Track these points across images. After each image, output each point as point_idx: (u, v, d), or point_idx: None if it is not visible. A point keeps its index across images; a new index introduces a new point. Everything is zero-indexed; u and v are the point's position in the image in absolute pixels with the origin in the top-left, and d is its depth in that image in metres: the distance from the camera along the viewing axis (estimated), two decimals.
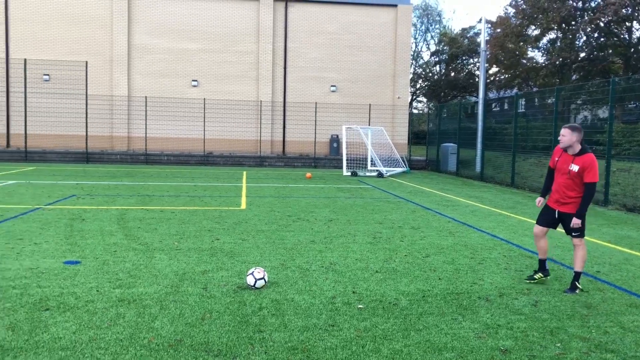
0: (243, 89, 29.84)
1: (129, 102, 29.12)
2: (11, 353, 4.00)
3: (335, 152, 29.47)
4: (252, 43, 29.76)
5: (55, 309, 5.01)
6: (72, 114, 28.22)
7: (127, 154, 27.94)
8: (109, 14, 28.78)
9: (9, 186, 15.20)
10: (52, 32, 28.53)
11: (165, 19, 29.16)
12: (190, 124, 29.20)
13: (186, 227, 9.51)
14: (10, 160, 26.36)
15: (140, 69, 29.25)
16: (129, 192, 14.64)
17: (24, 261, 6.74)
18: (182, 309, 5.14)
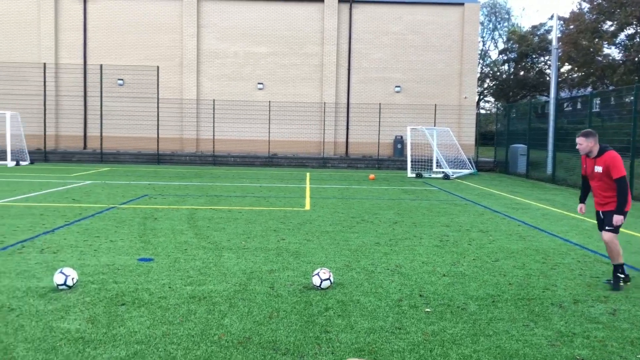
0: (307, 91, 30.09)
1: (197, 105, 30.00)
2: (91, 345, 4.20)
3: (400, 154, 29.19)
4: (317, 45, 29.96)
5: (131, 304, 5.22)
6: (145, 117, 29.37)
7: (195, 155, 28.80)
8: (179, 20, 29.77)
9: (86, 186, 15.99)
10: (126, 39, 29.81)
11: (232, 24, 29.86)
12: (255, 126, 29.73)
13: (253, 227, 9.69)
14: (87, 161, 27.75)
15: (209, 73, 30.07)
16: (198, 192, 15.07)
17: (101, 258, 7.07)
18: (250, 307, 5.23)
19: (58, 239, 8.17)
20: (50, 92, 29.32)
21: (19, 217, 10.01)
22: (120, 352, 4.07)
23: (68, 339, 4.29)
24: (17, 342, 4.19)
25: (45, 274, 6.18)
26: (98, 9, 29.72)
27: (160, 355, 4.06)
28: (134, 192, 14.72)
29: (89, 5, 29.62)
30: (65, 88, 30.00)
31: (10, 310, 4.91)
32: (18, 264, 6.60)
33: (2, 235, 8.32)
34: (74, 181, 17.33)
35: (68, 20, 29.70)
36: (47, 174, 19.86)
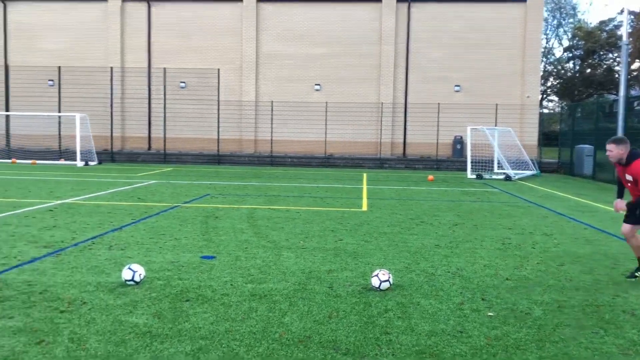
0: (364, 92, 30.02)
1: (256, 107, 30.48)
2: (158, 339, 4.34)
3: (459, 154, 28.67)
4: (374, 45, 29.84)
5: (195, 300, 5.36)
6: (205, 118, 30.11)
7: (254, 156, 29.28)
8: (239, 23, 30.34)
9: (151, 185, 16.55)
10: (188, 43, 30.66)
11: (290, 26, 30.17)
12: (312, 127, 29.91)
13: (310, 226, 9.75)
14: (151, 162, 28.72)
15: (267, 75, 30.50)
16: (256, 192, 15.31)
17: (166, 255, 7.30)
18: (309, 306, 5.27)
19: (125, 236, 8.49)
20: (116, 95, 30.52)
21: (88, 215, 10.48)
22: (185, 347, 4.19)
23: (136, 333, 4.45)
24: (90, 334, 4.39)
25: (114, 269, 6.44)
26: (161, 14, 30.70)
27: (223, 351, 4.15)
28: (196, 191, 15.11)
29: (152, 10, 30.65)
30: (130, 91, 31.15)
31: (82, 304, 5.15)
32: (88, 260, 6.90)
33: (74, 232, 8.73)
34: (140, 181, 17.97)
35: (133, 26, 30.84)
36: (114, 174, 20.69)
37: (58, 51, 31.11)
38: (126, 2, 30.71)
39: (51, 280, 5.91)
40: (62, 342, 4.21)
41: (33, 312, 4.89)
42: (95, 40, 31.05)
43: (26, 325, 4.55)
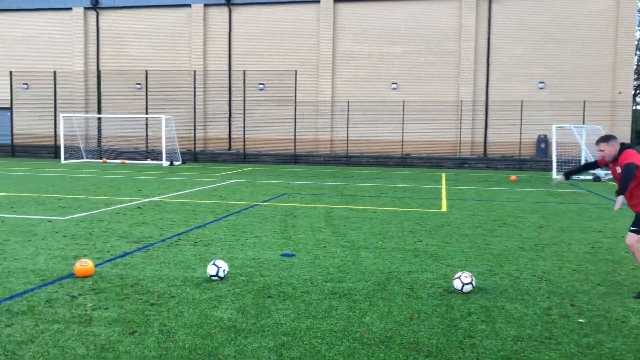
0: (442, 90, 29.45)
1: (332, 107, 30.65)
2: (242, 333, 4.45)
3: (543, 154, 27.52)
4: (453, 42, 29.21)
5: (276, 296, 5.45)
6: (283, 119, 30.62)
7: (330, 155, 29.46)
8: (316, 24, 30.62)
9: (232, 184, 17.03)
10: (266, 45, 31.31)
11: (367, 26, 30.10)
12: (389, 127, 29.68)
13: (388, 227, 9.68)
14: (231, 162, 29.56)
15: (344, 75, 30.59)
16: (333, 191, 15.39)
17: (247, 252, 7.48)
18: (390, 307, 5.22)
19: (209, 233, 8.78)
20: (199, 97, 31.66)
21: (174, 212, 10.92)
22: (268, 342, 4.27)
23: (221, 327, 4.59)
24: (178, 327, 4.57)
25: (199, 265, 6.68)
26: (241, 17, 31.53)
27: (305, 347, 4.19)
28: (274, 190, 15.40)
29: (233, 14, 31.52)
30: (212, 93, 32.22)
31: (170, 297, 5.37)
32: (175, 255, 7.19)
33: (161, 229, 9.13)
34: (221, 180, 18.54)
35: (215, 30, 31.87)
36: (196, 173, 21.47)
37: (145, 56, 32.69)
38: (208, 7, 31.78)
39: (141, 274, 6.20)
40: (153, 333, 4.41)
41: (126, 304, 5.15)
42: (179, 45, 32.35)
43: (120, 316, 4.80)
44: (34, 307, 4.98)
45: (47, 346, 4.11)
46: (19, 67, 33.71)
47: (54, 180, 17.61)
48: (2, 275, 6.07)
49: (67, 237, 8.24)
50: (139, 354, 4.01)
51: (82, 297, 5.31)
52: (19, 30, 34.23)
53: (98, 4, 32.85)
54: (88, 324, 4.58)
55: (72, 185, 15.90)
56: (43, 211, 10.79)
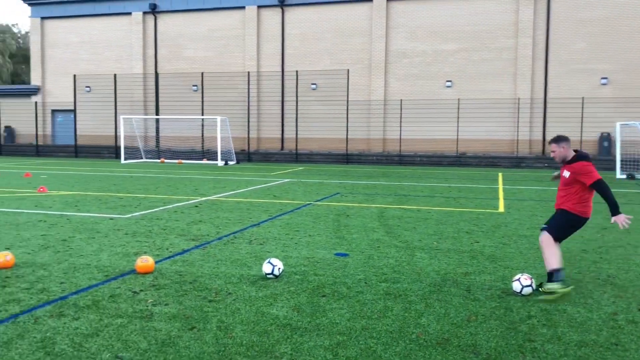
0: (499, 87, 28.75)
1: (385, 105, 30.45)
2: (298, 332, 4.48)
3: (606, 152, 26.45)
4: (510, 38, 28.47)
5: (331, 296, 5.46)
6: (335, 118, 30.66)
7: (382, 155, 29.28)
8: (369, 23, 30.50)
9: (284, 184, 17.19)
10: (319, 45, 31.43)
11: (421, 23, 29.75)
12: (443, 125, 29.21)
13: (444, 227, 9.53)
14: (283, 161, 29.84)
15: (396, 74, 30.34)
16: (386, 191, 15.29)
17: (301, 250, 7.53)
18: (446, 308, 5.14)
19: (263, 232, 8.89)
20: (252, 97, 32.12)
21: (229, 211, 11.12)
22: (324, 341, 4.28)
23: (277, 325, 4.63)
24: (235, 324, 4.64)
25: (254, 263, 6.77)
26: (293, 18, 31.78)
27: (361, 347, 4.18)
28: (327, 190, 15.43)
29: (286, 15, 31.81)
30: (265, 94, 32.62)
31: (227, 294, 5.47)
32: (231, 253, 7.32)
33: (217, 227, 9.31)
34: (274, 179, 18.74)
35: (268, 31, 32.25)
36: (250, 173, 21.79)
37: (200, 58, 33.43)
38: (262, 9, 32.19)
39: (199, 271, 6.34)
40: (211, 330, 4.50)
41: (185, 300, 5.28)
42: (233, 47, 32.92)
43: (179, 312, 4.93)
44: (99, 302, 5.18)
45: (111, 339, 4.26)
46: (82, 71, 35.15)
47: (115, 179, 18.26)
48: (68, 270, 6.33)
49: (128, 235, 8.52)
50: (198, 349, 4.10)
51: (143, 293, 5.47)
52: (83, 35, 35.69)
53: (156, 8, 33.84)
54: (149, 319, 4.72)
55: (132, 185, 16.44)
56: (105, 209, 11.20)
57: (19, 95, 37.69)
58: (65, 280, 5.92)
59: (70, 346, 4.12)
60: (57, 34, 36.28)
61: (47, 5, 36.11)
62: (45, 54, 36.62)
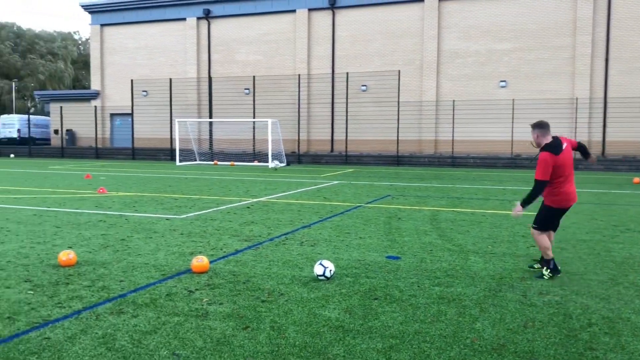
0: (555, 87, 27.90)
1: (436, 106, 30.06)
2: (350, 334, 4.48)
3: None
4: (567, 37, 27.59)
5: (383, 299, 5.43)
6: (385, 120, 30.49)
7: (434, 157, 28.89)
8: (420, 23, 30.20)
9: (334, 185, 17.21)
10: (369, 47, 31.34)
11: (474, 23, 29.23)
12: (497, 126, 28.58)
13: (498, 231, 9.31)
14: (333, 163, 29.89)
15: (449, 74, 29.90)
16: (438, 193, 15.08)
17: (352, 253, 7.52)
18: (502, 313, 5.02)
19: (314, 233, 8.93)
20: (303, 100, 32.34)
21: (280, 212, 11.23)
22: (376, 344, 4.26)
23: (329, 326, 4.64)
24: (288, 324, 4.68)
25: (306, 264, 6.80)
26: (344, 20, 31.81)
27: (414, 351, 4.14)
28: (377, 192, 15.36)
29: (337, 17, 31.88)
30: (315, 96, 32.79)
31: (280, 295, 5.52)
32: (283, 254, 7.38)
33: (269, 228, 9.41)
34: (324, 181, 18.80)
35: (319, 33, 32.41)
36: (300, 175, 21.93)
37: (252, 62, 33.94)
38: (312, 12, 32.39)
39: (252, 272, 6.43)
40: (265, 330, 4.55)
41: (238, 299, 5.36)
42: (284, 50, 33.26)
43: (233, 311, 5.01)
44: (156, 300, 5.32)
45: (169, 337, 4.38)
46: (139, 76, 36.29)
47: (170, 181, 18.76)
48: (127, 269, 6.55)
49: (184, 235, 8.73)
50: (252, 349, 4.16)
51: (199, 292, 5.59)
52: (139, 41, 36.86)
53: (209, 13, 34.58)
54: (204, 318, 4.82)
55: (186, 186, 16.84)
56: (162, 210, 11.52)
57: (79, 99, 39.29)
58: (124, 278, 6.12)
59: (130, 342, 4.26)
60: (116, 41, 37.60)
61: (106, 12, 37.51)
62: (105, 59, 38.02)
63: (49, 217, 10.45)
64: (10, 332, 4.46)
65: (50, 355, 4.00)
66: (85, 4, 37.76)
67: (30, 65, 66.29)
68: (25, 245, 7.81)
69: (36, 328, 4.54)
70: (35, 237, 8.45)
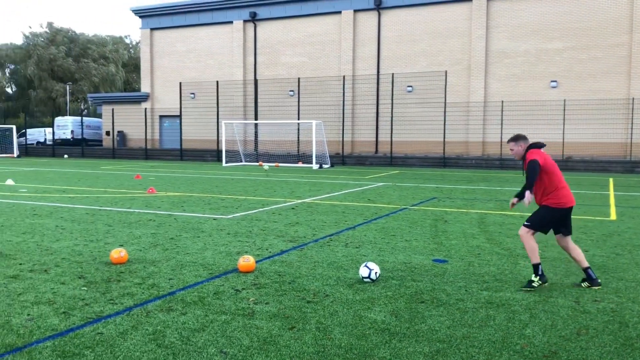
0: (610, 87, 26.95)
1: (484, 107, 29.51)
2: (396, 337, 4.43)
3: None
4: (623, 34, 26.61)
5: (429, 302, 5.36)
6: (431, 121, 30.13)
7: (481, 158, 28.37)
8: (468, 23, 29.72)
9: (379, 187, 17.12)
10: (415, 47, 31.06)
11: (523, 22, 28.57)
12: (547, 127, 27.84)
13: (549, 235, 9.02)
14: (378, 165, 29.74)
15: (497, 74, 29.32)
16: (486, 196, 14.79)
17: (398, 255, 7.45)
18: (553, 320, 4.87)
19: (359, 235, 8.90)
20: (347, 101, 32.32)
21: (325, 214, 11.24)
22: (423, 348, 4.20)
23: (375, 329, 4.61)
24: (334, 326, 4.68)
25: (351, 266, 6.79)
26: (389, 20, 31.63)
27: (462, 356, 4.06)
28: (423, 194, 15.19)
29: (382, 18, 31.73)
30: (360, 97, 32.71)
31: (325, 296, 5.52)
32: (328, 255, 7.39)
33: (313, 229, 9.44)
34: (368, 183, 18.73)
35: (364, 34, 32.33)
36: (344, 176, 21.92)
37: (297, 64, 34.15)
38: (358, 13, 32.35)
39: (297, 272, 6.46)
40: (310, 330, 4.56)
41: (284, 299, 5.39)
42: (329, 51, 33.33)
43: (279, 311, 5.04)
44: (204, 298, 5.41)
45: (216, 335, 4.44)
46: (187, 78, 37.07)
47: (217, 181, 19.07)
48: (176, 267, 6.68)
49: (230, 235, 8.85)
50: (298, 349, 4.17)
51: (245, 292, 5.66)
52: (188, 44, 37.65)
53: (256, 16, 35.01)
54: (251, 317, 4.87)
55: (233, 187, 17.08)
56: (209, 210, 11.72)
57: (130, 102, 40.44)
58: (173, 276, 6.25)
59: (179, 339, 4.34)
60: (165, 44, 38.53)
61: (156, 16, 38.48)
62: (154, 62, 39.00)
63: (101, 215, 10.79)
64: (66, 326, 4.62)
65: (104, 350, 4.12)
66: (136, 9, 38.85)
67: (83, 69, 68.70)
68: (79, 243, 8.08)
69: (90, 323, 4.69)
70: (88, 235, 8.73)
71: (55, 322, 4.70)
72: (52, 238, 8.48)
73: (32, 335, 4.40)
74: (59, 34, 69.25)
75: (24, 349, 4.14)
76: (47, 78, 67.52)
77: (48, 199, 13.39)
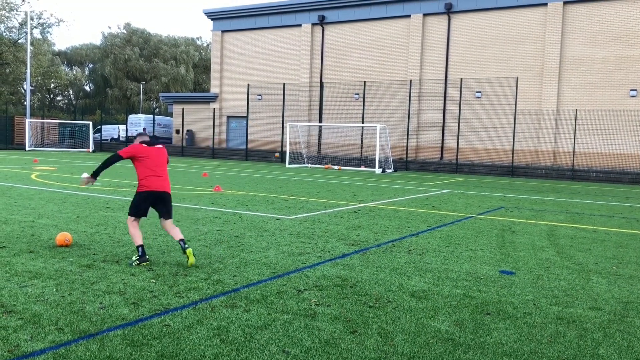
0: None
1: (557, 115, 28.44)
2: (460, 348, 4.32)
3: None
4: None
5: (495, 314, 5.19)
6: (500, 128, 29.32)
7: (552, 168, 27.36)
8: (542, 28, 28.74)
9: (444, 194, 16.81)
10: (485, 52, 30.32)
11: (602, 28, 27.33)
12: (625, 138, 26.51)
13: (625, 251, 8.60)
14: (443, 171, 29.22)
15: (572, 82, 28.19)
16: (556, 208, 14.23)
17: (463, 265, 7.27)
18: (630, 341, 4.61)
19: (422, 242, 8.76)
20: (413, 106, 31.95)
21: (387, 219, 11.14)
22: None
23: (438, 338, 4.51)
24: (396, 332, 4.61)
25: (414, 273, 6.68)
26: (460, 25, 31.04)
27: None
28: (490, 203, 14.79)
29: (452, 22, 31.19)
30: (426, 102, 32.26)
31: (387, 302, 5.46)
32: (390, 261, 7.31)
33: (376, 234, 9.37)
34: (432, 189, 18.43)
35: (432, 39, 31.88)
36: (408, 182, 21.66)
37: (363, 67, 34.08)
38: (427, 17, 31.94)
39: (359, 276, 6.42)
40: (372, 335, 4.52)
41: (346, 303, 5.37)
42: (396, 55, 33.07)
43: (341, 314, 5.03)
44: (267, 297, 5.47)
45: (279, 334, 4.48)
46: (255, 80, 37.76)
47: (280, 182, 19.30)
48: (240, 265, 6.80)
49: (293, 235, 8.92)
50: (360, 353, 4.14)
51: (307, 292, 5.68)
52: (257, 47, 38.36)
53: (324, 19, 35.23)
54: (313, 318, 4.88)
55: (295, 188, 17.24)
56: (272, 210, 11.87)
57: (199, 102, 41.60)
58: (237, 273, 6.36)
59: (242, 336, 4.41)
60: (235, 46, 39.41)
61: (227, 19, 39.44)
62: (224, 64, 39.97)
63: None
64: (135, 316, 4.78)
65: (170, 342, 4.23)
66: (208, 11, 39.95)
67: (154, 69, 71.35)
68: (148, 237, 8.36)
69: (157, 315, 4.84)
70: (157, 229, 9.03)
71: (125, 312, 4.88)
72: (123, 231, 8.83)
73: (104, 323, 4.58)
74: (134, 35, 72.30)
75: (97, 335, 4.31)
76: (122, 77, 70.68)
77: (120, 193, 13.97)
